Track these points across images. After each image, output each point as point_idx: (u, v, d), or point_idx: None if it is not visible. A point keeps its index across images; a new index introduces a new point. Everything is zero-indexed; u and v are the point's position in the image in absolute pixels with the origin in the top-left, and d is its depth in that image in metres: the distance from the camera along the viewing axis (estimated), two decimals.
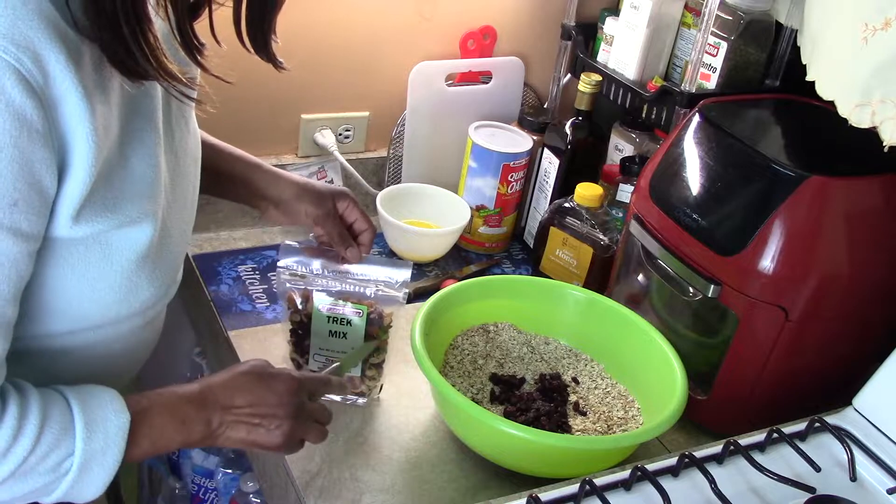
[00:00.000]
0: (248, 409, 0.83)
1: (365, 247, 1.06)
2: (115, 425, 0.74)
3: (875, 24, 0.92)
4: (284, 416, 0.84)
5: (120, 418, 0.74)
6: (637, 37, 1.32)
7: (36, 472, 0.70)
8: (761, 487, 0.87)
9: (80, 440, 0.71)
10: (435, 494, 0.95)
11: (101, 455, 0.73)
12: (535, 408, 1.02)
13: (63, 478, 0.72)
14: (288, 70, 0.84)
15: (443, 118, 1.46)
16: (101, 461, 0.73)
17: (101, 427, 0.73)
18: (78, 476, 0.72)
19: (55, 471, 0.71)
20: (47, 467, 0.71)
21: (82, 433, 0.72)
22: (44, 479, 0.71)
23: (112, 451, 0.74)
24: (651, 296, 1.15)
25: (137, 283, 0.80)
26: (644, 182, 1.12)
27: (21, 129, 0.63)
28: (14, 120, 0.63)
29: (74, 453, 0.71)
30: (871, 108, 0.93)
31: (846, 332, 1.04)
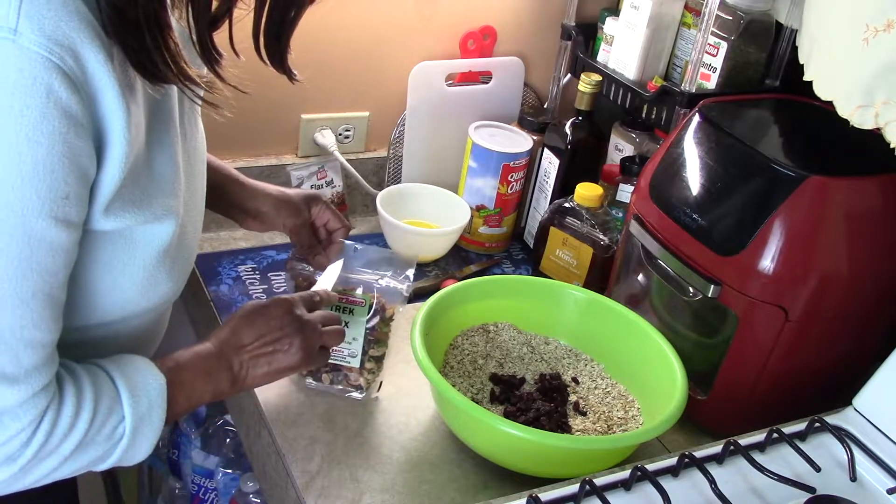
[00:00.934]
0: (258, 342, 0.88)
1: (336, 245, 1.11)
2: (155, 387, 0.78)
3: (877, 24, 0.92)
4: (292, 333, 0.89)
5: (158, 380, 0.79)
6: (637, 37, 1.32)
7: (95, 443, 0.74)
8: (761, 487, 0.87)
9: (127, 406, 0.76)
10: (435, 494, 0.95)
11: (148, 417, 0.77)
12: (535, 408, 1.02)
13: (118, 443, 0.76)
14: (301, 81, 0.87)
15: (443, 118, 1.47)
16: (149, 422, 0.78)
17: (143, 391, 0.77)
18: (131, 440, 0.77)
19: (111, 438, 0.75)
20: (104, 436, 0.75)
21: (129, 399, 0.76)
22: (102, 448, 0.75)
23: (157, 412, 0.78)
24: (651, 296, 1.15)
25: (157, 278, 0.82)
26: (644, 182, 1.12)
27: (69, 125, 0.66)
28: (63, 117, 0.65)
29: (125, 419, 0.76)
30: (874, 110, 0.93)
31: (846, 332, 1.04)
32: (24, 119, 0.63)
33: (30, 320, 0.68)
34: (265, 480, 1.09)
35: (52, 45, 0.64)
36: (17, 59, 0.62)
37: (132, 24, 0.69)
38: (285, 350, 0.89)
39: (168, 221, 0.80)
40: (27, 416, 0.69)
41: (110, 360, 0.79)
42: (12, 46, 0.62)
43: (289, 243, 1.38)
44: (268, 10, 0.79)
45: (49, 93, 0.64)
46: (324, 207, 1.11)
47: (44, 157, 0.65)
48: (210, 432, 1.54)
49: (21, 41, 0.62)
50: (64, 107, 0.65)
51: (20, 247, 0.66)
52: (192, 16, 0.75)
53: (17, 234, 0.65)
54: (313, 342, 0.91)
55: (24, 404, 0.69)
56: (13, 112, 0.62)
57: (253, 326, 0.88)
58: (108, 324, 0.82)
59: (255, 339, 0.88)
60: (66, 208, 0.68)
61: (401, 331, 1.19)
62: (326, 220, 1.11)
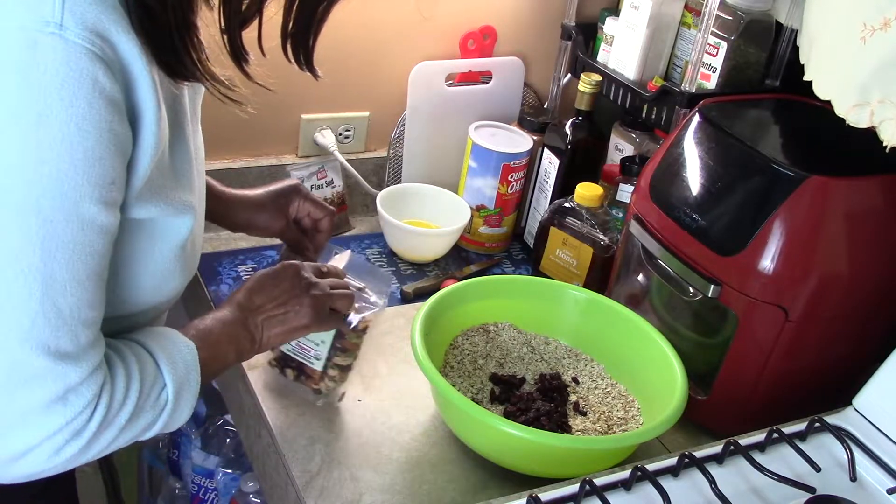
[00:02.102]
0: (271, 304, 0.92)
1: (324, 233, 1.11)
2: (189, 353, 0.82)
3: (874, 23, 0.92)
4: (301, 294, 0.93)
5: (189, 346, 0.83)
6: (637, 37, 1.32)
7: (144, 410, 0.77)
8: (761, 487, 0.87)
9: (167, 373, 0.79)
10: (435, 494, 0.95)
11: (187, 382, 0.81)
12: (535, 408, 1.02)
13: (164, 409, 0.79)
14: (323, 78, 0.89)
15: (443, 118, 1.46)
16: (188, 387, 0.81)
17: (179, 358, 0.81)
18: (174, 405, 0.80)
19: (156, 405, 0.79)
20: (151, 404, 0.78)
21: (168, 368, 0.79)
22: (151, 415, 0.78)
23: (193, 375, 0.82)
24: (651, 296, 1.15)
25: (172, 271, 0.85)
26: (644, 182, 1.12)
27: (113, 113, 0.68)
28: (108, 105, 0.67)
29: (167, 385, 0.79)
30: (869, 108, 0.93)
31: (846, 332, 1.04)
32: (73, 110, 0.65)
33: (86, 301, 0.71)
34: (265, 480, 1.09)
35: (93, 37, 0.66)
36: (65, 53, 0.64)
37: (161, 24, 0.71)
38: (296, 310, 0.93)
39: (187, 216, 0.82)
40: (89, 393, 0.72)
41: (141, 333, 0.82)
42: (59, 40, 0.64)
43: None
44: (296, 9, 0.81)
45: (94, 83, 0.66)
46: (302, 200, 1.10)
47: (93, 146, 0.67)
48: (210, 432, 1.54)
49: (67, 35, 0.64)
50: (108, 96, 0.67)
51: (75, 232, 0.68)
52: (224, 15, 0.77)
53: (72, 220, 0.68)
54: (323, 303, 0.95)
55: (85, 381, 0.71)
56: (64, 104, 0.65)
57: (265, 289, 0.93)
58: (116, 318, 0.82)
59: (268, 300, 0.92)
60: (113, 193, 0.71)
61: (400, 332, 1.19)
62: (308, 212, 1.10)
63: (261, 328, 0.91)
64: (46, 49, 0.64)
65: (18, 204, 0.66)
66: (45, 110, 0.64)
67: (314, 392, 1.05)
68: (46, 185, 0.66)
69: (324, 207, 1.10)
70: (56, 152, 0.65)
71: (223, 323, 0.89)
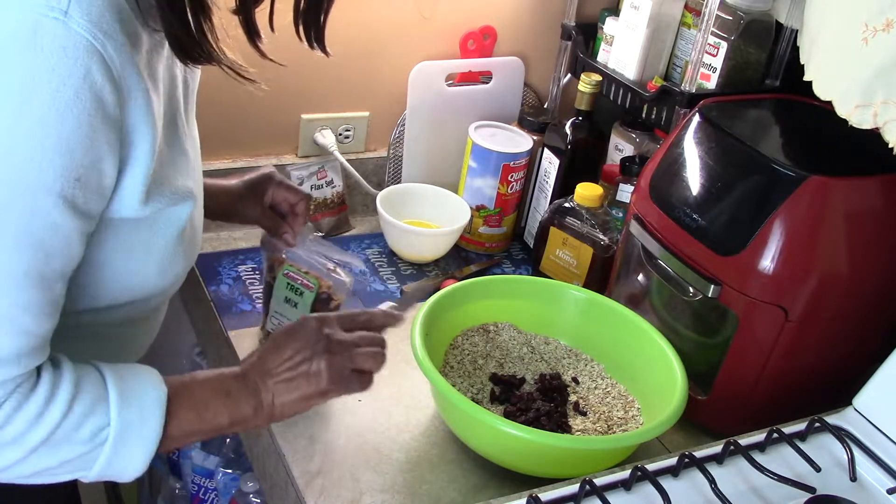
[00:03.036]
0: (283, 367, 0.83)
1: (301, 216, 1.07)
2: (152, 397, 0.75)
3: (876, 24, 0.92)
4: (318, 355, 0.84)
5: (157, 390, 0.76)
6: (637, 37, 1.32)
7: (71, 441, 0.71)
8: (761, 487, 0.87)
9: (114, 409, 0.73)
10: (435, 494, 0.95)
11: (139, 426, 0.74)
12: (535, 408, 1.02)
13: (99, 448, 0.73)
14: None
15: (443, 118, 1.46)
16: (139, 433, 0.74)
17: (136, 398, 0.74)
18: (115, 447, 0.73)
19: (91, 441, 0.72)
20: (83, 437, 0.72)
21: (116, 402, 0.73)
22: (80, 449, 0.72)
23: (150, 423, 0.74)
24: (651, 296, 1.15)
25: (174, 257, 0.83)
26: (644, 182, 1.12)
27: (97, 110, 0.67)
28: (94, 100, 0.67)
29: (110, 423, 0.72)
30: (873, 110, 0.93)
31: (846, 332, 1.04)
32: (58, 95, 0.64)
33: (16, 299, 0.67)
34: (265, 480, 1.09)
35: (96, 31, 0.66)
36: (63, 39, 0.64)
37: (179, 8, 0.73)
38: (312, 373, 0.83)
39: (188, 202, 0.82)
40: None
41: (110, 364, 0.77)
42: (61, 26, 0.64)
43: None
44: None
45: (86, 75, 0.66)
46: (276, 187, 1.07)
47: (67, 135, 0.66)
48: None
49: (70, 23, 0.65)
50: (97, 91, 0.67)
51: (20, 216, 0.66)
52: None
53: (19, 203, 0.66)
54: (343, 364, 0.85)
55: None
56: (50, 87, 0.64)
57: (280, 350, 0.84)
58: (121, 305, 0.83)
59: (281, 363, 0.83)
60: (75, 190, 0.68)
61: (400, 331, 1.19)
62: (283, 197, 1.08)
63: (272, 395, 0.82)
64: (47, 32, 0.64)
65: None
66: (30, 91, 0.64)
67: None
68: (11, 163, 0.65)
69: (298, 192, 1.08)
70: (30, 133, 0.64)
71: (225, 379, 0.82)
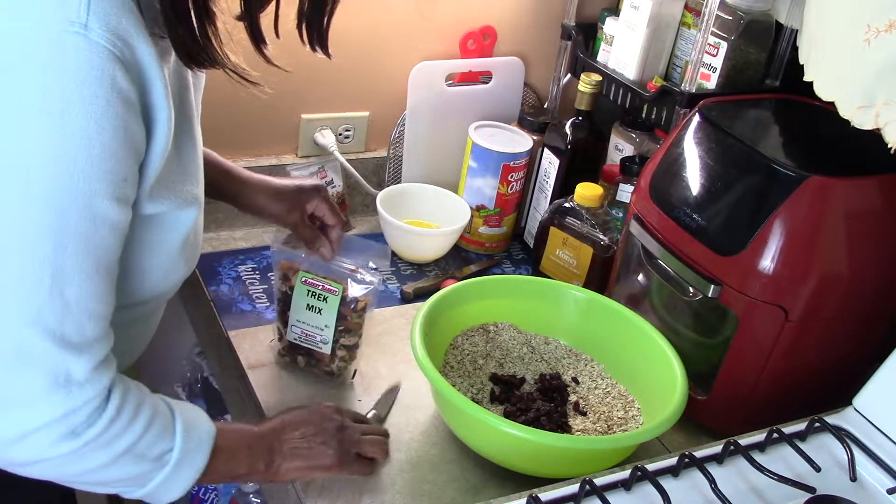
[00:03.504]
0: (298, 437, 0.92)
1: (334, 242, 1.08)
2: (206, 431, 0.83)
3: (878, 25, 0.92)
4: (331, 435, 0.93)
5: (209, 424, 0.83)
6: (637, 37, 1.32)
7: (144, 458, 0.77)
8: (761, 487, 0.87)
9: (179, 436, 0.79)
10: (435, 494, 0.95)
11: (194, 455, 0.81)
12: (535, 408, 1.02)
13: (161, 469, 0.78)
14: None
15: (443, 118, 1.46)
16: (192, 461, 0.81)
17: (195, 429, 0.81)
18: (172, 471, 0.79)
19: (158, 460, 0.78)
20: (153, 455, 0.77)
21: (181, 431, 0.80)
22: (147, 466, 0.78)
23: (202, 454, 0.81)
24: (651, 296, 1.15)
25: (178, 262, 0.87)
26: (644, 182, 1.12)
27: (129, 112, 0.70)
28: (124, 104, 0.70)
29: (174, 448, 0.79)
30: (874, 110, 0.93)
31: (846, 332, 1.04)
32: (92, 107, 0.67)
33: (93, 293, 0.72)
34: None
35: (115, 38, 0.68)
36: (87, 52, 0.67)
37: (183, 13, 0.74)
38: (321, 450, 0.92)
39: (193, 208, 0.85)
40: (93, 389, 0.72)
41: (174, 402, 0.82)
42: (83, 40, 0.66)
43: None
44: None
45: (113, 83, 0.68)
46: (320, 202, 1.09)
47: (109, 143, 0.69)
48: None
49: (91, 35, 0.67)
50: (125, 95, 0.70)
51: (87, 226, 0.70)
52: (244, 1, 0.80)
53: (84, 214, 0.69)
54: (349, 447, 0.94)
55: (89, 378, 0.72)
56: (84, 101, 0.67)
57: (297, 424, 0.93)
58: (121, 308, 0.83)
59: (297, 434, 0.92)
60: (125, 189, 0.73)
61: (399, 331, 1.19)
62: (322, 214, 1.09)
63: (280, 457, 0.90)
64: (70, 48, 0.66)
65: (38, 196, 0.67)
66: (67, 107, 0.66)
67: (327, 374, 1.09)
68: (64, 179, 0.68)
69: (338, 216, 1.09)
70: (75, 147, 0.67)
71: (248, 434, 0.90)
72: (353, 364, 1.09)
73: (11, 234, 0.68)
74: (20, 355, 0.70)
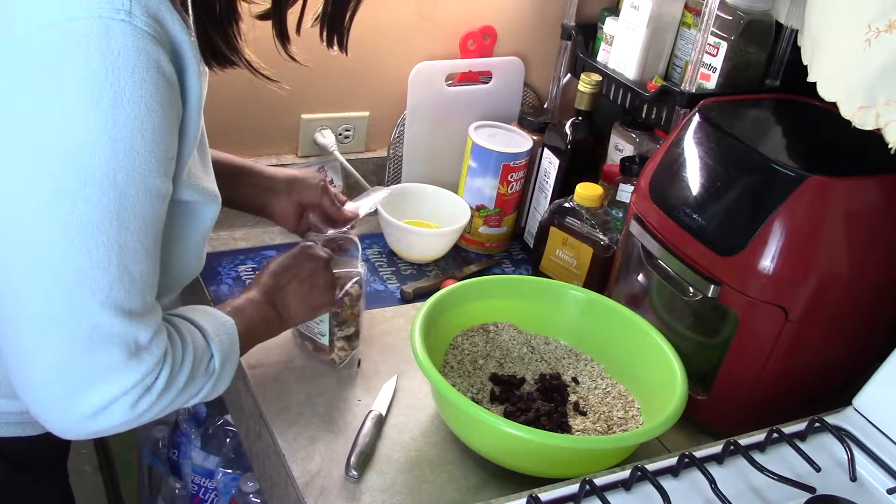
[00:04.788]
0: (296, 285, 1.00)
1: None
2: (230, 328, 0.89)
3: (878, 25, 0.92)
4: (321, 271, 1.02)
5: (230, 322, 0.90)
6: (637, 37, 1.32)
7: (197, 377, 0.83)
8: (761, 487, 0.88)
9: (214, 345, 0.86)
10: (435, 494, 0.95)
11: (230, 353, 0.88)
12: (535, 408, 1.02)
13: (212, 376, 0.86)
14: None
15: (443, 118, 1.47)
16: (231, 358, 0.88)
17: (222, 331, 0.88)
18: (220, 372, 0.86)
19: (206, 372, 0.85)
20: (202, 371, 0.84)
21: (214, 340, 0.86)
22: (202, 381, 0.85)
23: (235, 347, 0.89)
24: (651, 296, 1.15)
25: (196, 256, 0.92)
26: (644, 182, 1.12)
27: (172, 94, 0.74)
28: (168, 86, 0.73)
29: (214, 356, 0.86)
30: (875, 111, 0.93)
31: (846, 332, 1.04)
32: (142, 91, 0.70)
33: (150, 265, 0.77)
34: (265, 480, 1.09)
35: (155, 24, 0.72)
36: (134, 38, 0.70)
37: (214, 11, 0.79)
38: (319, 288, 1.01)
39: (216, 204, 0.89)
40: (158, 351, 0.77)
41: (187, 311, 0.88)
42: (129, 27, 0.69)
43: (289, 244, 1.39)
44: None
45: (158, 66, 0.71)
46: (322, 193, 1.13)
47: (159, 124, 0.72)
48: (210, 432, 1.54)
49: (135, 21, 0.70)
50: (168, 78, 0.73)
51: (144, 204, 0.74)
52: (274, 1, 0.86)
53: (141, 193, 0.73)
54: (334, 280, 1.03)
55: (153, 340, 0.77)
56: (135, 85, 0.70)
57: (288, 269, 1.00)
58: None
59: (294, 282, 1.00)
60: (171, 166, 0.77)
61: (399, 331, 1.19)
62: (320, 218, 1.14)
63: (288, 306, 0.98)
64: (118, 35, 0.69)
65: (99, 180, 0.70)
66: (119, 92, 0.69)
67: (331, 363, 1.11)
68: (122, 161, 0.70)
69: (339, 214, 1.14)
70: (129, 130, 0.70)
71: (253, 303, 0.96)
72: (356, 353, 1.12)
73: (77, 223, 0.70)
74: (96, 335, 0.73)
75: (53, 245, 0.70)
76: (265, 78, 0.89)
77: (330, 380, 1.10)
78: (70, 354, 0.73)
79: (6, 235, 0.71)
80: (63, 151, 0.69)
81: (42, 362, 0.73)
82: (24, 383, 0.75)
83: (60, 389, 0.74)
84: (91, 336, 0.73)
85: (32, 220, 0.70)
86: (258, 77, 0.88)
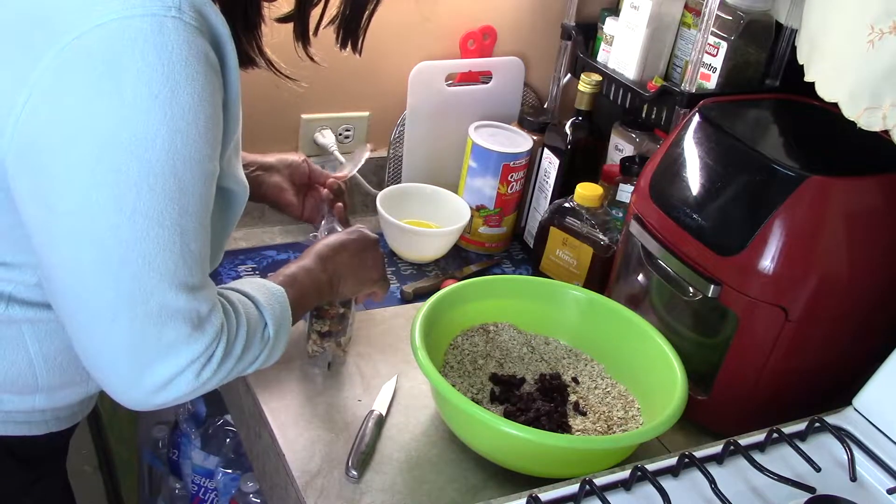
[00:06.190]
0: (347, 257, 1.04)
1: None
2: (281, 296, 0.92)
3: (882, 26, 0.92)
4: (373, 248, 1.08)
5: (280, 291, 0.93)
6: (637, 37, 1.32)
7: (253, 345, 0.87)
8: (761, 487, 0.87)
9: (267, 313, 0.89)
10: (435, 494, 0.95)
11: (283, 320, 0.91)
12: (535, 408, 1.02)
13: (267, 344, 0.89)
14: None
15: (443, 118, 1.46)
16: (284, 324, 0.91)
17: (274, 300, 0.91)
18: (275, 340, 0.90)
19: (261, 340, 0.88)
20: (257, 339, 0.88)
21: (266, 309, 0.89)
22: (258, 349, 0.88)
23: (287, 315, 0.92)
24: (651, 296, 1.15)
25: (220, 245, 0.95)
26: (644, 182, 1.12)
27: (218, 84, 0.78)
28: (216, 78, 0.77)
29: (268, 324, 0.89)
30: (881, 112, 0.93)
31: (846, 332, 1.04)
32: (196, 83, 0.73)
33: (205, 241, 0.81)
34: (265, 480, 1.09)
35: (202, 19, 0.75)
36: (185, 33, 0.72)
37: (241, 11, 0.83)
38: (369, 265, 1.07)
39: (246, 192, 0.93)
40: (217, 321, 0.81)
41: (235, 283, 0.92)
42: (180, 23, 0.72)
43: (288, 244, 1.39)
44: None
45: (206, 59, 0.75)
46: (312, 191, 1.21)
47: (210, 114, 0.76)
48: (210, 432, 1.54)
49: (184, 17, 0.73)
50: (215, 69, 0.77)
51: (201, 187, 0.77)
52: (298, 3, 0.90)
53: (198, 178, 0.77)
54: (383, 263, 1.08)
55: (212, 311, 0.81)
56: (189, 79, 0.73)
57: (343, 244, 1.05)
58: None
59: (345, 254, 1.04)
60: (219, 149, 0.81)
61: (399, 331, 1.19)
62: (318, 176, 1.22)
63: (340, 275, 1.03)
64: (171, 31, 0.71)
65: (161, 170, 0.73)
66: (175, 85, 0.72)
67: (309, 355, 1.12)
68: (180, 150, 0.74)
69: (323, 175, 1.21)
70: (186, 122, 0.73)
71: (306, 270, 0.99)
72: (329, 354, 1.11)
73: (142, 211, 0.73)
74: (164, 313, 0.77)
75: (121, 235, 0.73)
76: (286, 78, 0.93)
77: (330, 380, 1.10)
78: (141, 334, 0.76)
79: (70, 230, 0.74)
80: (125, 144, 0.71)
81: (114, 344, 0.77)
82: (95, 365, 0.80)
83: (131, 367, 0.78)
84: (160, 314, 0.76)
85: (98, 212, 0.73)
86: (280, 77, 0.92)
